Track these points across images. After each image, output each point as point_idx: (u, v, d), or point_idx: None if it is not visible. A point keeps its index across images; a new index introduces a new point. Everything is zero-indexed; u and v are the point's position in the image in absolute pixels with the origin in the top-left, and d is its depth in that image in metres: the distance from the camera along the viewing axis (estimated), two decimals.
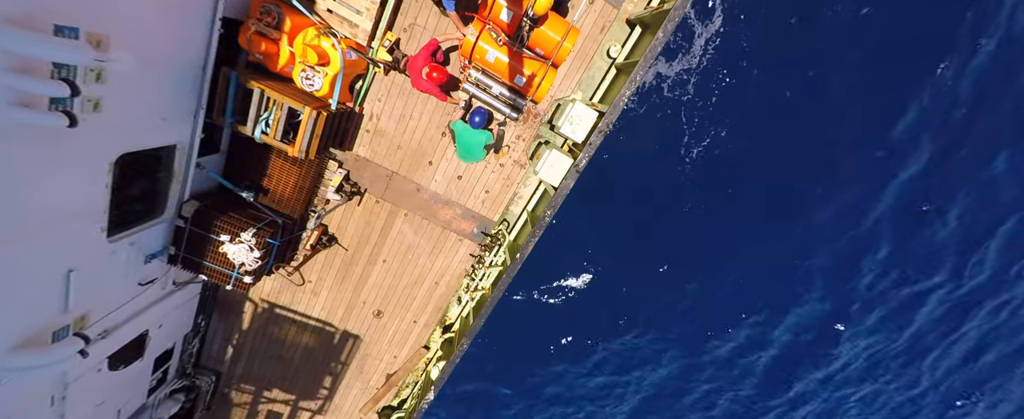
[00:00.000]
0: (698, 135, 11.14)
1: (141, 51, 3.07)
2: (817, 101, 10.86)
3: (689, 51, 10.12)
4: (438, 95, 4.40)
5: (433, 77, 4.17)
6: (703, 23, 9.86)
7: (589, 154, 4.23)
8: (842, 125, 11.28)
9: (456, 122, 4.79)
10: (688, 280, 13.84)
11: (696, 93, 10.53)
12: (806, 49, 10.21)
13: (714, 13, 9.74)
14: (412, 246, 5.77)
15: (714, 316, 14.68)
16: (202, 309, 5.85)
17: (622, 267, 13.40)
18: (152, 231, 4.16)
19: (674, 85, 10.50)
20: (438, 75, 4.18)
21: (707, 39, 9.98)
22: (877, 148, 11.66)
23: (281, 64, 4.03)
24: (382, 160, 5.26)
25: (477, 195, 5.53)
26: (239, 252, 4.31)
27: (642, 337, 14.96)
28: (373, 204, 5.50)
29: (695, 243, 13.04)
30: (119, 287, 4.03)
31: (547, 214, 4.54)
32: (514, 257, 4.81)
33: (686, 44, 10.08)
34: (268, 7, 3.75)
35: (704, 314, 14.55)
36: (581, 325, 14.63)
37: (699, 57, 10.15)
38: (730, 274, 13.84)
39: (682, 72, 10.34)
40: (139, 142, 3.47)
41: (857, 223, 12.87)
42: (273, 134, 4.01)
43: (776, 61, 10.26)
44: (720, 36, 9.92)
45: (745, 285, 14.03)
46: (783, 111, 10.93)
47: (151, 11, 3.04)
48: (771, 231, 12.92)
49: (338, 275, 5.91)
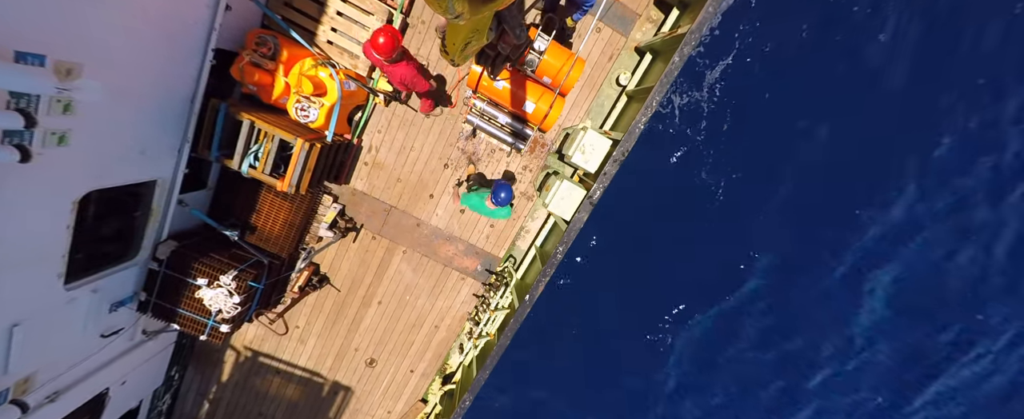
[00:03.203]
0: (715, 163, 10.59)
1: (120, 81, 2.84)
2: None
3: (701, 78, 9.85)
4: (411, 83, 3.41)
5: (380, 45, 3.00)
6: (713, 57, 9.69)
7: (604, 185, 3.89)
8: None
9: (467, 197, 3.88)
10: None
11: (709, 116, 10.20)
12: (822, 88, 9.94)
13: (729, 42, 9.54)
14: (410, 286, 5.30)
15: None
16: (177, 360, 5.27)
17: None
18: (121, 275, 3.74)
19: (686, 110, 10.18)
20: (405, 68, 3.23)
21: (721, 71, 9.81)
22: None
23: (275, 95, 3.83)
24: (380, 194, 4.94)
25: (481, 230, 5.14)
26: (216, 297, 3.86)
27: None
28: (369, 241, 5.10)
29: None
30: (76, 340, 3.55)
31: (559, 251, 4.12)
32: (522, 299, 4.32)
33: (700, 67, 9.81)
34: (264, 37, 3.60)
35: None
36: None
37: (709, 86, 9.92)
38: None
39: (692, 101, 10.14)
40: (113, 178, 3.16)
41: None
42: (262, 168, 3.72)
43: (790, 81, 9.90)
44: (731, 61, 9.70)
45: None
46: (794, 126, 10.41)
47: (135, 40, 2.85)
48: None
49: (329, 319, 5.38)
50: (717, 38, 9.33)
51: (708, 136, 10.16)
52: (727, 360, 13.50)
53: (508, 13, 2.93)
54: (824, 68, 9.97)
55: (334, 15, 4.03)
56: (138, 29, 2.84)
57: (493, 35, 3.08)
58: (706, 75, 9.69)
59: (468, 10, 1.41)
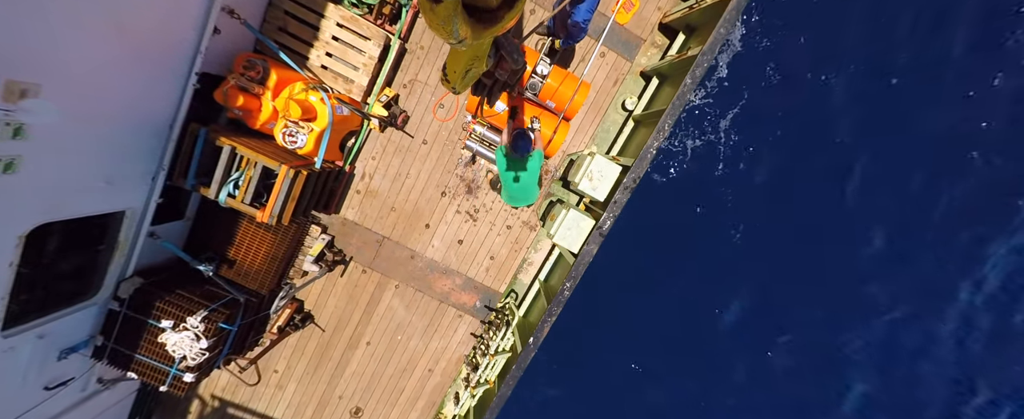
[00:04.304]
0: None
1: (85, 105, 2.60)
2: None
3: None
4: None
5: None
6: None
7: (614, 214, 3.56)
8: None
9: (498, 151, 3.62)
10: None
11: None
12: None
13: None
14: (402, 324, 4.83)
15: None
16: (139, 410, 4.71)
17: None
18: (76, 318, 3.33)
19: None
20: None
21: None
22: None
23: (262, 120, 3.60)
24: (372, 223, 4.61)
25: (480, 262, 4.76)
26: (181, 342, 3.42)
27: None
28: (359, 274, 4.71)
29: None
30: (13, 395, 3.08)
31: (566, 287, 3.72)
32: (525, 342, 3.86)
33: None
34: (253, 61, 3.43)
35: None
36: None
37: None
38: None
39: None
40: (70, 209, 2.85)
41: None
42: (241, 197, 3.41)
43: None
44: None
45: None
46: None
47: (107, 61, 2.64)
48: None
49: (311, 363, 4.87)
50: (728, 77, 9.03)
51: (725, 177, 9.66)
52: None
53: (504, 39, 2.86)
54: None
55: (329, 40, 3.90)
56: (112, 50, 2.64)
57: (491, 62, 2.98)
58: (714, 115, 9.34)
59: (471, 35, 1.27)
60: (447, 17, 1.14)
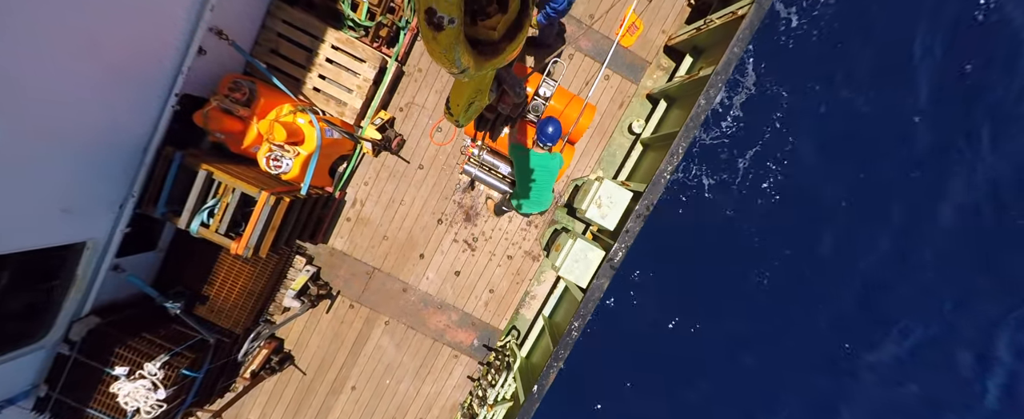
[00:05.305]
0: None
1: (39, 124, 2.35)
2: None
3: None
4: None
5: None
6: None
7: (627, 244, 3.23)
8: None
9: (515, 148, 3.29)
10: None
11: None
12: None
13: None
14: (391, 366, 4.37)
15: None
16: None
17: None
18: (18, 363, 2.93)
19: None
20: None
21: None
22: None
23: (246, 143, 3.37)
24: (363, 254, 4.27)
25: (479, 295, 4.37)
26: (135, 392, 2.99)
27: None
28: (346, 310, 4.31)
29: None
30: None
31: (574, 327, 3.32)
32: (529, 390, 3.40)
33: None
34: (239, 82, 3.24)
35: None
36: None
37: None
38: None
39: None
40: (14, 242, 2.54)
41: None
42: (215, 226, 3.10)
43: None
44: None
45: None
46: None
47: (73, 78, 2.42)
48: None
49: (289, 410, 4.36)
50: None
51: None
52: None
53: (505, 72, 2.77)
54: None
55: (323, 62, 3.75)
56: (80, 66, 2.43)
57: (494, 96, 2.88)
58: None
59: (474, 65, 1.18)
60: (449, 46, 1.08)
